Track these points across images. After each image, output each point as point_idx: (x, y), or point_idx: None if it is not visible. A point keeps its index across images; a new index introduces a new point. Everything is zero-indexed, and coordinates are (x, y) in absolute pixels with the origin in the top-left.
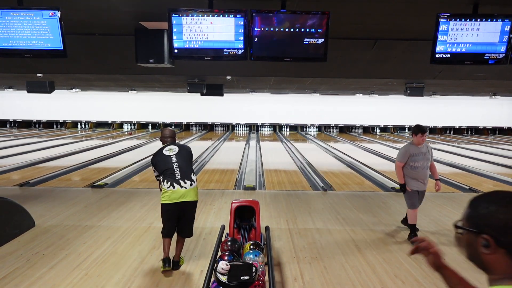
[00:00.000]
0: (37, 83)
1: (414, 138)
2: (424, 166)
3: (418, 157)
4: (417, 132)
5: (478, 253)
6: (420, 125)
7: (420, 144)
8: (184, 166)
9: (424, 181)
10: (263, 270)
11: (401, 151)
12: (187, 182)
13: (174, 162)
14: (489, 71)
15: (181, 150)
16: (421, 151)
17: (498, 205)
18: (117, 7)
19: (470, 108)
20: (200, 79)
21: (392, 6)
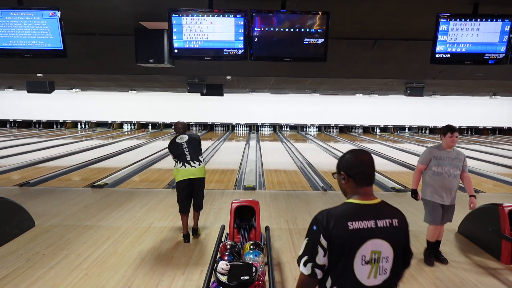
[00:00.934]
0: (37, 83)
1: (442, 139)
2: (450, 173)
3: (444, 161)
4: (446, 132)
5: (341, 184)
6: (450, 125)
7: (449, 148)
8: (193, 151)
9: (449, 193)
10: (263, 270)
11: (424, 152)
12: (196, 162)
13: (184, 147)
14: (489, 71)
15: (190, 138)
16: (448, 155)
17: (346, 154)
18: (117, 7)
19: (470, 108)
20: (200, 79)
21: (392, 6)
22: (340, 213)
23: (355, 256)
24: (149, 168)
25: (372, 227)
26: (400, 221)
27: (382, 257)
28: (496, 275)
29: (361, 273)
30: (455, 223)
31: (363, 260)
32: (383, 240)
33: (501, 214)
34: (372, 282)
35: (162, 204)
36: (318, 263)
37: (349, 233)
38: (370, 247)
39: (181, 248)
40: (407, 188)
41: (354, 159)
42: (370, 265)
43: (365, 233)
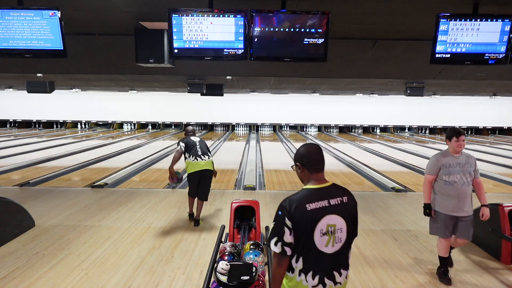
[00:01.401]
0: (37, 83)
1: (448, 144)
2: (463, 181)
3: (454, 169)
4: (451, 136)
5: (298, 174)
6: (455, 128)
7: (457, 152)
8: (203, 147)
9: (464, 203)
10: (263, 270)
11: (430, 161)
12: (205, 156)
13: (197, 145)
14: (489, 71)
15: (201, 140)
16: (458, 161)
17: (299, 148)
18: (117, 7)
19: (470, 108)
20: (200, 79)
21: (392, 6)
22: (299, 198)
23: (314, 230)
24: (149, 168)
25: (326, 205)
26: (348, 198)
27: (337, 229)
28: (496, 275)
29: (320, 243)
30: None
31: (321, 232)
32: (336, 215)
33: (501, 214)
34: (330, 250)
35: (162, 204)
36: (286, 241)
37: (308, 213)
38: (326, 221)
39: (181, 248)
40: (407, 188)
41: (304, 151)
42: (328, 236)
43: (321, 211)
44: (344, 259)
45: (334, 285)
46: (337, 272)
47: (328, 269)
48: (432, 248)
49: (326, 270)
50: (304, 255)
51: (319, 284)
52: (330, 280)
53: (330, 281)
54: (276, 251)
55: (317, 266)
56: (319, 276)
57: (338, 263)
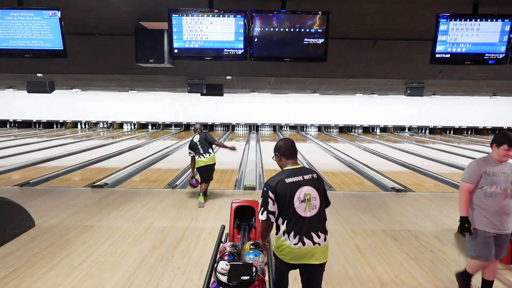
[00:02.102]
0: (37, 83)
1: (494, 150)
2: (507, 193)
3: (498, 178)
4: (502, 142)
5: (278, 162)
6: (506, 133)
7: (501, 162)
8: (204, 146)
9: (507, 218)
10: (263, 270)
11: (470, 167)
12: (206, 154)
13: (198, 145)
14: (489, 71)
15: (201, 138)
16: (503, 170)
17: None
18: (117, 7)
19: (470, 108)
20: (200, 79)
21: (392, 6)
22: (280, 176)
23: (293, 198)
24: (149, 168)
25: (301, 180)
26: (317, 175)
27: (312, 197)
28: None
29: (299, 208)
30: (455, 223)
31: (299, 200)
32: (310, 186)
33: None
34: (308, 214)
35: (162, 204)
36: (270, 210)
37: (287, 185)
38: (303, 191)
39: (181, 248)
40: (407, 188)
41: (281, 144)
42: (305, 203)
43: (297, 183)
44: (320, 224)
45: (313, 245)
46: (315, 234)
47: (307, 230)
48: (432, 248)
49: (304, 231)
50: (288, 218)
51: (299, 242)
52: (309, 239)
53: (308, 240)
54: (263, 218)
55: (297, 227)
56: (299, 236)
57: (315, 226)
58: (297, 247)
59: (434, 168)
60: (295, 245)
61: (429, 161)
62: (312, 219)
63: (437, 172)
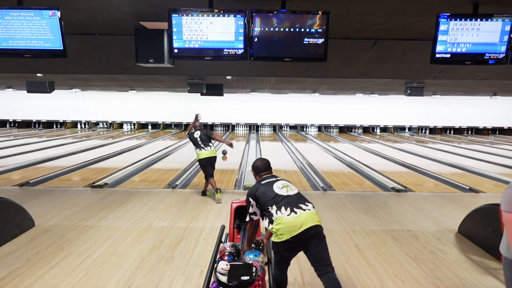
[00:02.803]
0: (37, 83)
1: None
2: None
3: None
4: None
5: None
6: None
7: None
8: (204, 140)
9: None
10: (263, 270)
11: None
12: (207, 147)
13: (198, 140)
14: (489, 71)
15: (201, 133)
16: None
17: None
18: (117, 7)
19: (470, 108)
20: (200, 79)
21: (392, 6)
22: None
23: (273, 189)
24: (149, 168)
25: (274, 179)
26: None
27: (287, 185)
28: (496, 275)
29: (281, 192)
30: (455, 223)
31: (278, 188)
32: (284, 180)
33: (501, 214)
34: (289, 193)
35: (162, 204)
36: (250, 211)
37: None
38: (280, 183)
39: (181, 248)
40: (407, 188)
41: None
42: (284, 188)
43: (272, 181)
44: (302, 198)
45: (303, 211)
46: (302, 204)
47: (293, 203)
48: (432, 248)
49: (292, 203)
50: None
51: (291, 212)
52: (298, 208)
53: (298, 209)
54: (247, 220)
55: (285, 203)
56: (289, 208)
57: (300, 200)
58: (291, 217)
59: (434, 168)
60: (288, 216)
61: (429, 161)
62: (294, 196)
63: (437, 172)
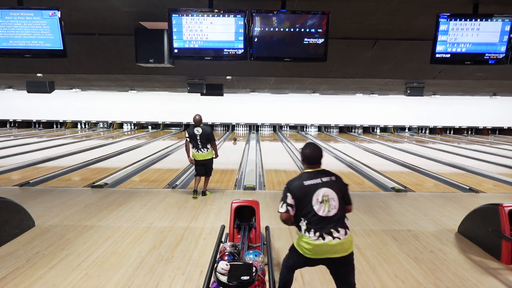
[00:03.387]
0: (37, 83)
1: None
2: None
3: None
4: None
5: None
6: None
7: None
8: (203, 141)
9: None
10: (263, 270)
11: None
12: (205, 149)
13: (198, 138)
14: (489, 71)
15: (203, 132)
16: None
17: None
18: (117, 7)
19: (470, 108)
20: (200, 79)
21: (392, 6)
22: (299, 179)
23: (312, 199)
24: (149, 168)
25: (319, 182)
26: (335, 177)
27: (330, 198)
28: (496, 275)
29: (318, 209)
30: (455, 223)
31: (317, 201)
32: (328, 188)
33: (501, 214)
34: (326, 214)
35: (162, 204)
36: (288, 202)
37: (305, 187)
38: (321, 193)
39: (181, 248)
40: (407, 188)
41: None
42: (323, 203)
43: (316, 185)
44: (339, 221)
45: (332, 239)
46: (335, 230)
47: (326, 228)
48: (432, 248)
49: (324, 228)
50: (307, 218)
51: (319, 238)
52: (328, 235)
53: (328, 236)
54: (282, 210)
55: (317, 226)
56: (319, 233)
57: (334, 224)
58: (318, 242)
59: (434, 168)
60: (315, 240)
61: (429, 161)
62: (331, 218)
63: (437, 172)
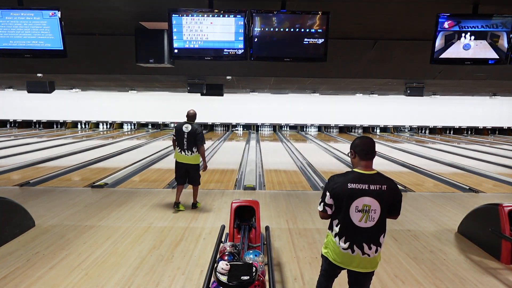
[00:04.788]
0: (37, 83)
1: None
2: None
3: None
4: None
5: (351, 159)
6: None
7: None
8: (190, 142)
9: None
10: (263, 270)
11: None
12: (189, 152)
13: (185, 137)
14: (489, 71)
15: (192, 131)
16: None
17: (357, 138)
18: (117, 7)
19: (470, 108)
20: (200, 79)
21: (392, 6)
22: (343, 178)
23: (350, 206)
24: (149, 168)
25: (365, 188)
26: (388, 187)
27: (371, 209)
28: (496, 275)
29: (355, 218)
30: (455, 223)
31: (356, 209)
32: (373, 198)
33: (501, 214)
34: (363, 225)
35: (162, 204)
36: (327, 202)
37: (347, 190)
38: (362, 201)
39: (181, 248)
40: (407, 188)
41: (359, 142)
42: (362, 213)
43: (360, 191)
44: (374, 236)
45: (362, 254)
46: (367, 245)
47: (359, 240)
48: (432, 248)
49: (357, 240)
50: (341, 223)
51: (348, 248)
52: (359, 249)
53: (358, 249)
54: (320, 209)
55: (350, 235)
56: (349, 243)
57: (369, 237)
58: (346, 252)
59: (434, 168)
60: (344, 249)
61: (429, 161)
62: (366, 230)
63: (437, 172)
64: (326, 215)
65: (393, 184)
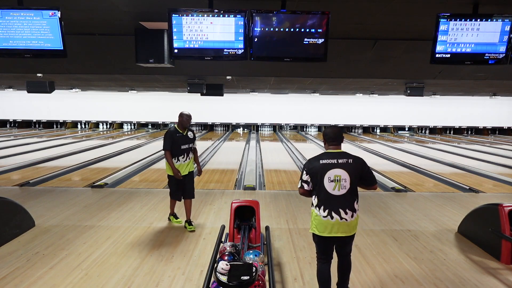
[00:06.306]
0: (37, 83)
1: None
2: None
3: None
4: None
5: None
6: None
7: None
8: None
9: None
10: (263, 270)
11: None
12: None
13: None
14: (489, 71)
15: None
16: None
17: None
18: (117, 7)
19: (470, 108)
20: (200, 79)
21: (392, 6)
22: (316, 157)
23: (324, 178)
24: (149, 168)
25: (334, 162)
26: (353, 160)
27: (342, 179)
28: (496, 275)
29: (329, 187)
30: (455, 223)
31: (329, 179)
32: (341, 169)
33: (501, 214)
34: (336, 193)
35: (162, 204)
36: (303, 179)
37: (320, 165)
38: (333, 172)
39: (181, 248)
40: (407, 188)
41: (327, 131)
42: (334, 183)
43: (330, 165)
44: (348, 202)
45: (340, 219)
46: (343, 210)
47: (335, 206)
48: (432, 248)
49: (333, 207)
50: (318, 195)
51: (328, 215)
52: (337, 214)
53: (336, 215)
54: (298, 186)
55: (327, 203)
56: (328, 210)
57: (343, 204)
58: (326, 219)
59: (434, 168)
60: (324, 217)
61: (429, 161)
62: (340, 197)
63: (437, 172)
64: (305, 191)
65: (359, 159)
